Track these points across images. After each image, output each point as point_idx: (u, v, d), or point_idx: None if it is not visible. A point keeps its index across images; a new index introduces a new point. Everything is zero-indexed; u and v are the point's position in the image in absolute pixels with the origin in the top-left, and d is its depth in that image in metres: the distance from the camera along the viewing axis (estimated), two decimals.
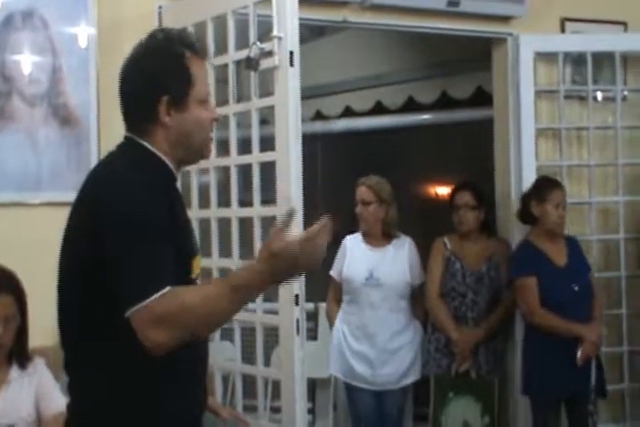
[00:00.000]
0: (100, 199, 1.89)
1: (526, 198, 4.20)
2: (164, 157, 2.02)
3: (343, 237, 4.38)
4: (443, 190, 5.98)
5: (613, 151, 4.54)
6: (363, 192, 4.28)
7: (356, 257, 4.27)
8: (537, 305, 3.99)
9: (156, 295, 1.78)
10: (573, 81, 4.61)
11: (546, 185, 4.17)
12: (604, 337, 4.21)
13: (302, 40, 3.44)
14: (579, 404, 4.01)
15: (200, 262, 2.08)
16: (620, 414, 4.44)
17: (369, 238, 4.32)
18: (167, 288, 1.80)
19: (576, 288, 4.03)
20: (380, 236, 4.31)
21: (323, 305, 4.55)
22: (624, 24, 4.67)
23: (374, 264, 4.22)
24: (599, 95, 4.62)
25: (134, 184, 1.90)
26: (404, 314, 4.23)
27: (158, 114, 1.99)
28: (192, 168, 3.60)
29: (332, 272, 4.34)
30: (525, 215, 4.20)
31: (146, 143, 2.01)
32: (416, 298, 4.31)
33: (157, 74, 1.99)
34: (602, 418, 4.20)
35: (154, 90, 1.98)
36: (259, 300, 3.45)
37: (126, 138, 2.05)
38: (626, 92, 4.63)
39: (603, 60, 4.58)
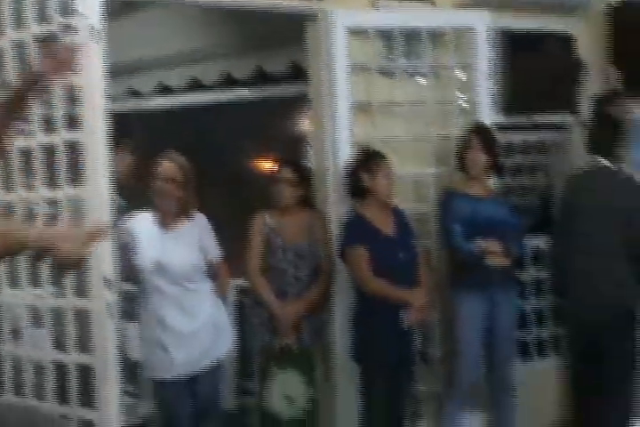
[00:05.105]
0: None
1: (355, 172, 4.25)
2: None
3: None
4: (262, 165, 6.00)
5: (424, 124, 4.66)
6: (168, 168, 4.03)
7: (145, 240, 4.03)
8: (369, 273, 4.10)
9: None
10: (385, 57, 4.69)
11: (374, 157, 4.25)
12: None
13: (113, 15, 3.35)
14: (404, 368, 4.16)
15: None
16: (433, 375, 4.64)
17: (162, 219, 4.08)
18: None
19: (402, 256, 4.16)
20: (175, 215, 4.07)
21: None
22: (432, 2, 4.80)
23: (162, 249, 4.01)
24: (410, 70, 4.73)
25: None
26: (196, 297, 4.06)
27: None
28: None
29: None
30: (355, 188, 4.27)
31: None
32: (215, 276, 4.19)
33: None
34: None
35: None
36: (69, 284, 3.36)
37: None
38: (433, 68, 4.75)
39: (412, 36, 4.68)
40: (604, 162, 4.36)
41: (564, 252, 4.42)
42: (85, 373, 3.37)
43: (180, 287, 4.02)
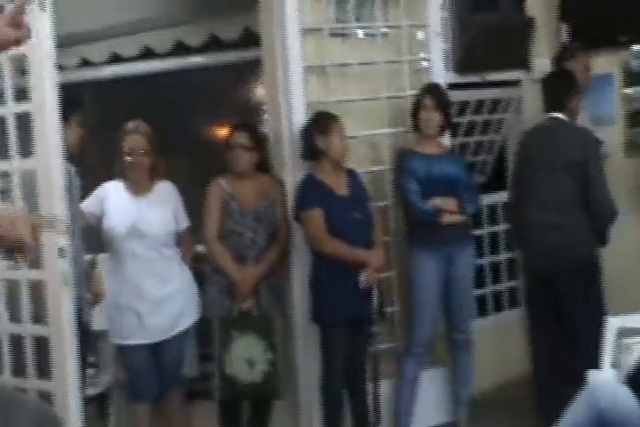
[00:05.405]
0: None
1: (309, 134, 4.26)
2: None
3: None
4: (219, 132, 5.99)
5: (378, 85, 4.66)
6: (136, 140, 4.13)
7: (118, 207, 4.14)
8: (325, 234, 4.13)
9: None
10: (337, 18, 4.68)
11: (326, 118, 4.27)
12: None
13: None
14: (361, 326, 4.21)
15: None
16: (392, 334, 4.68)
17: (133, 187, 4.20)
18: None
19: (357, 216, 4.20)
20: (144, 183, 4.20)
21: (102, 256, 4.46)
22: None
23: (137, 214, 4.11)
24: (361, 32, 4.73)
25: None
26: (169, 263, 4.18)
27: None
28: None
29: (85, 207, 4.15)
30: (310, 151, 4.28)
31: None
32: (183, 244, 4.29)
33: None
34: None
35: None
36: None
37: None
38: (386, 29, 4.75)
39: None
40: (559, 116, 4.42)
41: (520, 206, 4.48)
42: (42, 344, 3.38)
43: (156, 253, 4.11)
